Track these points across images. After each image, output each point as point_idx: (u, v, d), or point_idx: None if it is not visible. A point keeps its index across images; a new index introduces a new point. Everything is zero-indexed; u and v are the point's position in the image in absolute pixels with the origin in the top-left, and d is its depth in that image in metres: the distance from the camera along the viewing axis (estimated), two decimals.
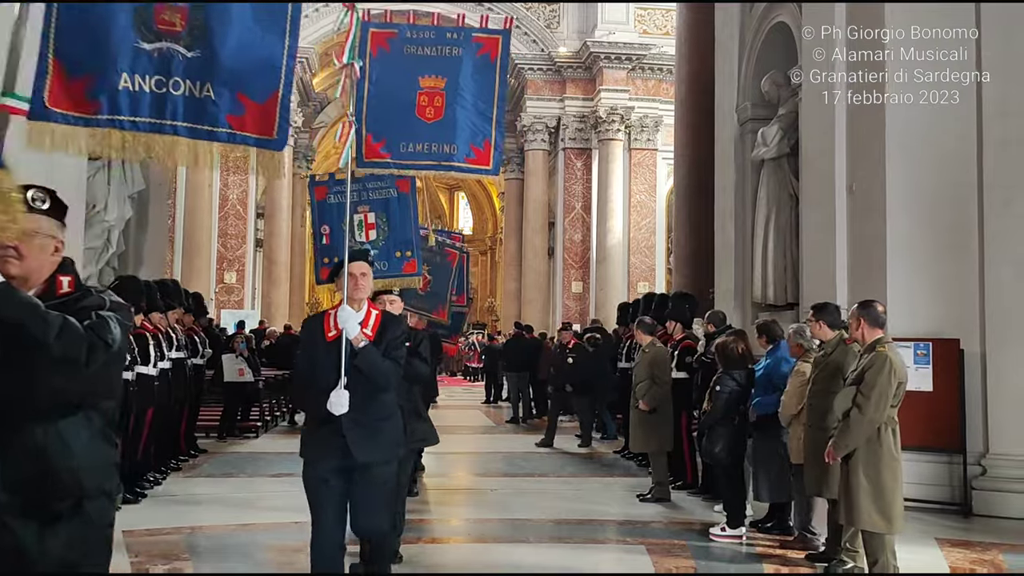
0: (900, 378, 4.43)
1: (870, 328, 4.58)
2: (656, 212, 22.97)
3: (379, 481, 3.65)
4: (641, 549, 5.57)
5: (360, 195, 5.64)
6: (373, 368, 3.59)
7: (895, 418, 4.49)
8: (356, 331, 3.60)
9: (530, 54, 23.16)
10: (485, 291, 34.04)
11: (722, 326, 7.19)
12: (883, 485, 4.39)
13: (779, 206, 8.98)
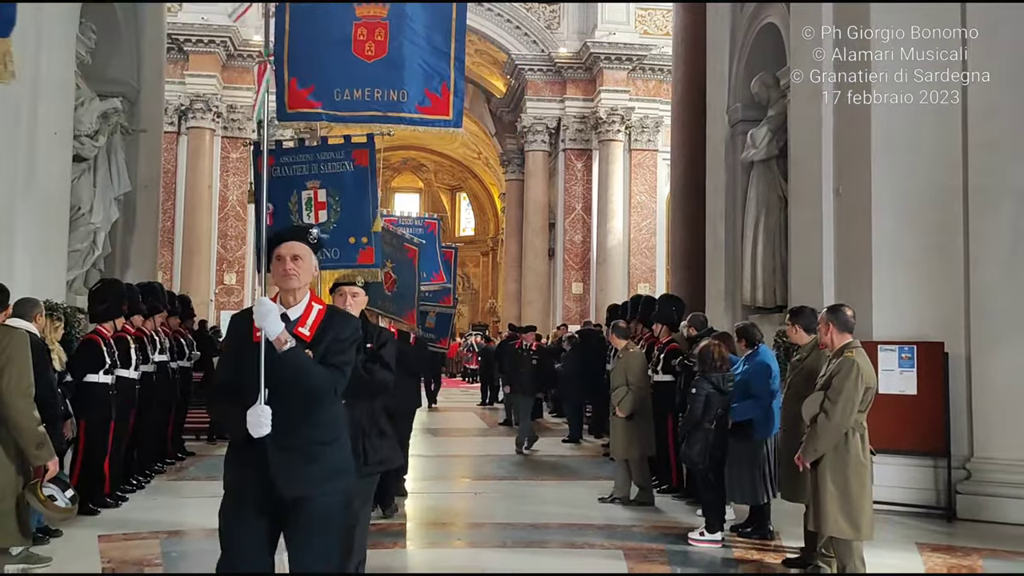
0: (868, 383, 4.43)
1: (839, 333, 4.57)
2: (657, 213, 22.90)
3: (318, 519, 2.87)
4: (618, 554, 5.54)
5: (311, 167, 4.53)
6: (300, 377, 2.84)
7: (863, 423, 4.48)
8: (278, 329, 2.80)
9: (530, 55, 23.13)
10: (486, 292, 34.06)
11: (704, 329, 7.14)
12: (850, 491, 4.37)
13: (768, 208, 8.94)
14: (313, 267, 3.05)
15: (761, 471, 5.67)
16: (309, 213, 4.45)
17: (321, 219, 4.45)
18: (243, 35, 21.37)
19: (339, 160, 4.56)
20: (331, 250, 4.45)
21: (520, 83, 23.61)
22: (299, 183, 4.55)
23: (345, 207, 4.52)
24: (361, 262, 4.51)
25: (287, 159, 4.61)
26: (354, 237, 4.48)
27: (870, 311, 7.07)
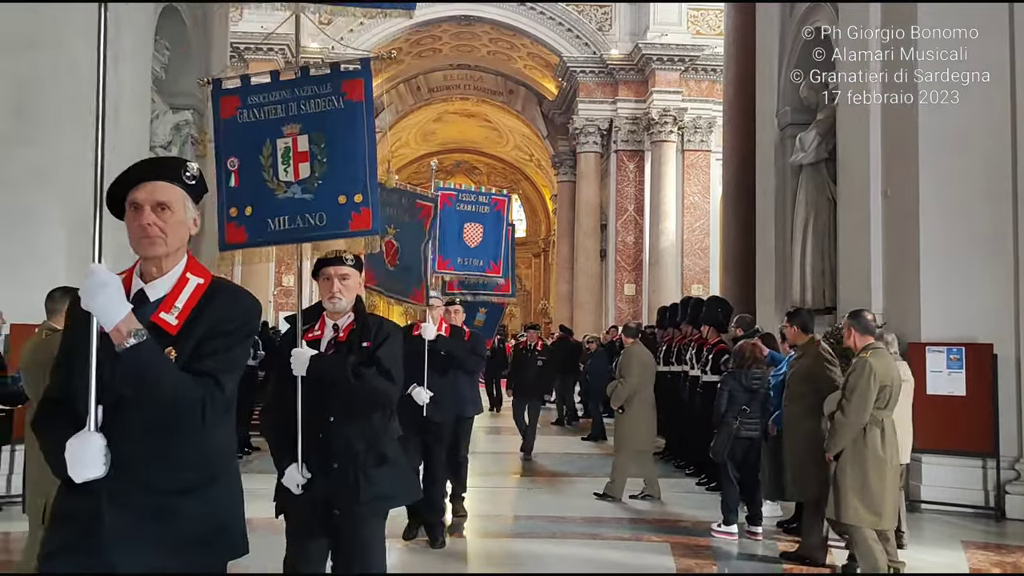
0: (883, 382, 4.63)
1: (861, 335, 4.82)
2: (710, 214, 22.83)
3: None
4: (665, 547, 5.75)
5: (288, 107, 3.48)
6: (147, 389, 1.88)
7: (881, 419, 4.68)
8: (116, 314, 1.83)
9: (581, 57, 23.27)
10: (538, 293, 34.29)
11: (750, 330, 7.29)
12: (868, 482, 4.61)
13: (817, 210, 9.02)
14: (191, 220, 2.07)
15: None
16: (287, 168, 3.40)
17: (303, 174, 3.41)
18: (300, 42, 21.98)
19: (324, 96, 3.49)
20: (315, 215, 3.39)
21: (572, 85, 23.77)
22: (273, 129, 3.47)
23: (333, 157, 3.43)
24: (356, 228, 3.44)
25: (257, 98, 3.52)
26: (345, 196, 3.41)
27: (918, 313, 7.15)
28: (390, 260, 5.82)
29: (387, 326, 3.27)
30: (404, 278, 5.84)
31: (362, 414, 3.10)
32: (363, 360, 3.09)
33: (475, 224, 6.98)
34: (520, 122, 29.44)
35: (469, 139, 32.77)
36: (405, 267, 5.84)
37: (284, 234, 3.40)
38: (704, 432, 7.34)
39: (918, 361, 6.79)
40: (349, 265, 3.19)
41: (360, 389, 3.04)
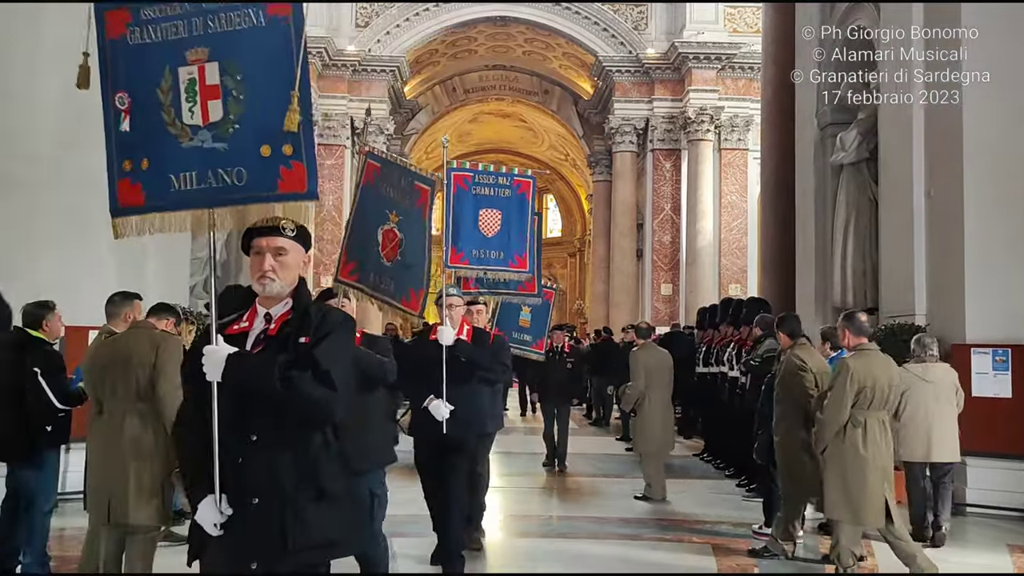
0: (863, 383, 4.70)
1: (854, 336, 4.94)
2: (748, 213, 22.67)
3: None
4: (707, 548, 5.77)
5: (192, 25, 2.60)
6: None
7: (863, 419, 4.74)
8: None
9: (617, 56, 23.23)
10: (573, 293, 34.27)
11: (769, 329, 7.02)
12: (847, 479, 4.73)
13: (858, 210, 8.95)
14: None
15: None
16: (193, 107, 2.53)
17: (214, 116, 2.52)
18: (337, 45, 22.15)
19: (240, 10, 2.58)
20: (231, 171, 2.51)
21: (607, 85, 23.74)
22: (173, 53, 2.58)
23: (253, 94, 2.52)
24: (286, 189, 2.51)
25: (152, 11, 2.62)
26: (269, 146, 2.50)
27: (963, 314, 7.08)
28: (388, 253, 4.79)
29: (333, 317, 2.52)
30: (400, 278, 4.79)
31: (294, 433, 2.37)
32: (297, 360, 2.36)
33: (493, 210, 5.86)
34: (555, 122, 29.45)
35: (504, 139, 32.85)
36: (405, 264, 4.78)
37: (191, 196, 2.52)
38: (743, 433, 7.35)
39: (963, 363, 6.73)
40: (288, 236, 2.46)
41: (289, 399, 2.31)
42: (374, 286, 4.86)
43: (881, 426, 4.79)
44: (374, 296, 4.86)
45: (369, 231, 4.90)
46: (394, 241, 4.91)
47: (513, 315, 7.75)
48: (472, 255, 5.80)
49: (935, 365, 6.09)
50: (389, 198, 4.91)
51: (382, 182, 4.87)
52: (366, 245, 4.84)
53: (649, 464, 7.53)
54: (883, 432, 4.80)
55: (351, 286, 4.70)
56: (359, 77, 22.60)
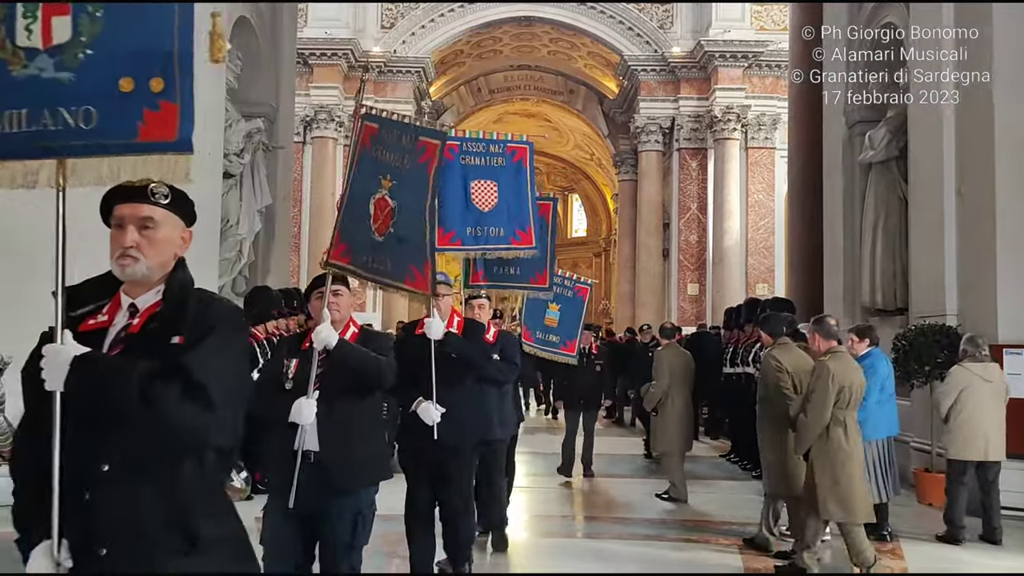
0: (842, 383, 4.85)
1: (824, 340, 5.07)
2: (775, 212, 22.51)
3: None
4: (733, 548, 5.74)
5: None
6: None
7: (842, 419, 4.89)
8: None
9: (643, 55, 23.16)
10: (599, 293, 34.19)
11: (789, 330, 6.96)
12: (836, 477, 4.84)
13: (888, 209, 8.86)
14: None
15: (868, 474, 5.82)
16: (32, 24, 1.88)
17: (59, 37, 1.88)
18: (363, 46, 22.27)
19: None
20: (77, 111, 1.87)
21: (633, 84, 23.67)
22: None
23: (116, 7, 1.90)
24: (150, 137, 1.91)
25: None
26: (132, 79, 1.88)
27: (995, 315, 6.99)
28: (380, 226, 3.93)
29: (216, 311, 1.93)
30: (396, 254, 3.92)
31: (157, 462, 1.79)
32: (163, 367, 1.78)
33: (486, 182, 4.99)
34: (580, 121, 29.42)
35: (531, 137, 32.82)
36: (398, 238, 3.93)
37: (17, 141, 1.90)
38: None
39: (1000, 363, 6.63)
40: (159, 204, 1.95)
41: (152, 418, 1.74)
42: (369, 267, 3.94)
43: (855, 425, 4.97)
44: (371, 278, 4.04)
45: (361, 204, 3.99)
46: (386, 211, 3.95)
47: (539, 313, 7.04)
48: (467, 234, 4.92)
49: (992, 364, 6.21)
50: (385, 163, 3.98)
51: (379, 146, 4.01)
52: (358, 220, 3.97)
53: (671, 464, 7.53)
54: (856, 431, 4.97)
55: (342, 269, 3.81)
56: (384, 78, 22.73)
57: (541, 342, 7.17)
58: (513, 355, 5.13)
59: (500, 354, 5.04)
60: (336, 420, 3.30)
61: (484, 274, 5.49)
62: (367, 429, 3.43)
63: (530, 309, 7.15)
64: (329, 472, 3.25)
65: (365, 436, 3.40)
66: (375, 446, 3.48)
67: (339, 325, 3.45)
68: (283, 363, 3.44)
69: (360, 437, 3.36)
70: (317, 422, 3.27)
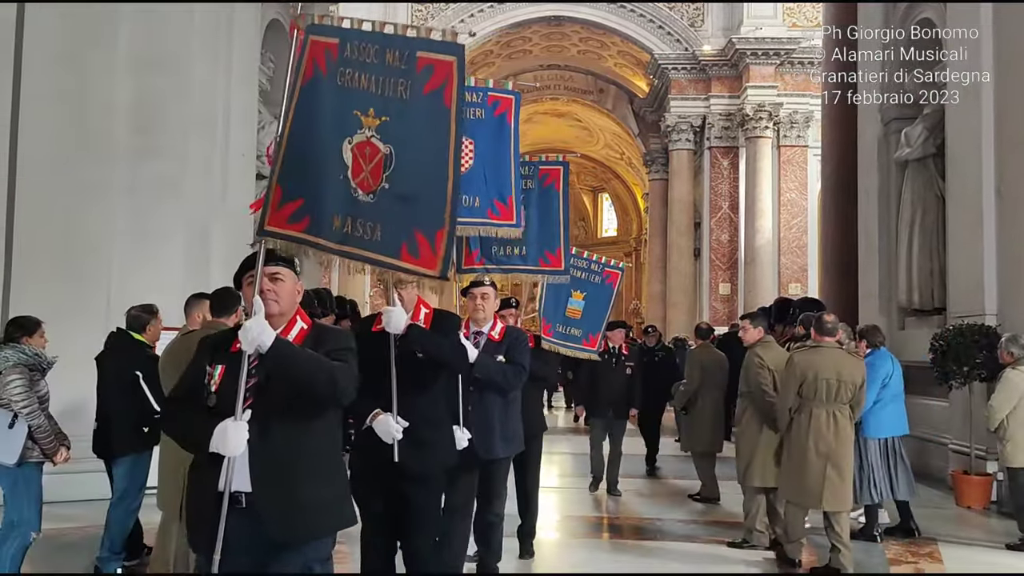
0: (804, 373, 5.08)
1: (818, 335, 5.28)
2: (808, 211, 22.29)
3: None
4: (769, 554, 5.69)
5: None
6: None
7: (807, 409, 5.08)
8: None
9: (673, 54, 23.04)
10: (630, 293, 34.07)
11: None
12: (792, 462, 5.13)
13: (925, 208, 8.74)
14: None
15: (865, 472, 5.95)
16: None
17: None
18: None
19: None
20: None
21: (663, 82, 23.56)
22: None
23: None
24: None
25: None
26: None
27: None
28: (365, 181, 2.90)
29: None
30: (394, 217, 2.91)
31: None
32: None
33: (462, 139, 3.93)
34: (611, 120, 29.34)
35: (559, 138, 32.80)
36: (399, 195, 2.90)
37: None
38: None
39: None
40: None
41: None
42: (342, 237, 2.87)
43: (830, 417, 5.06)
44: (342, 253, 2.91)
45: (324, 149, 2.91)
46: (375, 159, 2.89)
47: (560, 302, 6.01)
48: None
49: None
50: (360, 90, 2.93)
51: (344, 68, 2.94)
52: (320, 171, 2.87)
53: (701, 464, 7.53)
54: (831, 422, 5.06)
55: (288, 239, 2.82)
56: None
57: (562, 336, 6.02)
58: (521, 357, 4.18)
59: (505, 355, 4.13)
60: (274, 450, 2.48)
61: (481, 254, 4.62)
62: (317, 462, 2.57)
63: (551, 297, 5.91)
64: (265, 521, 2.46)
65: (314, 471, 2.55)
66: (329, 484, 2.61)
67: (281, 320, 2.62)
68: (204, 371, 2.61)
69: (307, 472, 2.52)
70: (249, 452, 2.45)
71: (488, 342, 4.17)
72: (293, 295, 2.70)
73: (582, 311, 6.08)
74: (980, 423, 6.83)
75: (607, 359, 7.54)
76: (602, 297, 6.25)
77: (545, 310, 5.94)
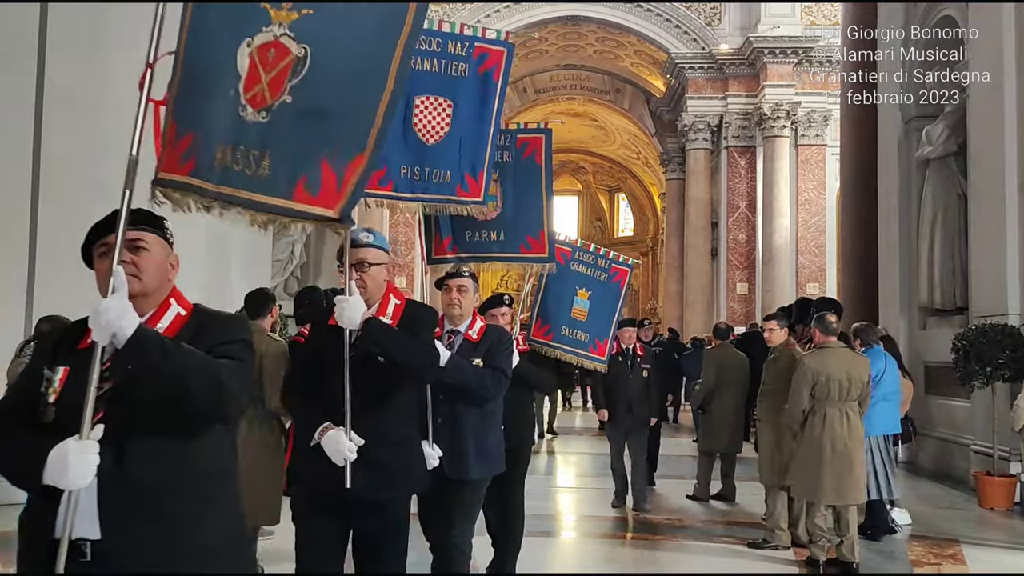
0: (816, 376, 5.14)
1: (823, 336, 5.36)
2: (826, 210, 22.16)
3: None
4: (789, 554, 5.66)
5: None
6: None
7: (820, 409, 5.15)
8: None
9: (690, 53, 22.97)
10: (646, 293, 33.99)
11: None
12: (807, 462, 5.17)
13: (946, 207, 8.66)
14: None
15: None
16: None
17: None
18: None
19: None
20: None
21: (680, 82, 23.49)
22: None
23: None
24: None
25: None
26: None
27: None
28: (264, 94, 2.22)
29: None
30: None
31: None
32: None
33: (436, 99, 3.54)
34: (627, 120, 29.28)
35: (576, 138, 32.79)
36: None
37: None
38: None
39: None
40: None
41: None
42: (222, 174, 2.16)
43: (843, 415, 5.15)
44: (220, 196, 2.17)
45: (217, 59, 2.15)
46: (281, 64, 2.18)
47: (564, 301, 5.09)
48: (400, 175, 3.48)
49: None
50: None
51: None
52: (210, 90, 2.14)
53: (700, 462, 7.59)
54: (844, 420, 5.15)
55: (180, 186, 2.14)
56: None
57: (568, 341, 5.10)
58: (502, 360, 3.50)
59: (484, 358, 3.46)
60: (136, 480, 1.82)
61: (453, 241, 4.00)
62: (194, 493, 1.88)
63: (554, 295, 5.08)
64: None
65: (187, 509, 1.87)
66: (213, 523, 1.92)
67: (146, 304, 1.97)
68: (42, 376, 1.91)
69: (180, 511, 1.85)
70: (98, 485, 1.77)
71: (464, 343, 3.48)
72: (163, 269, 2.02)
73: (587, 312, 5.12)
74: (1003, 424, 6.76)
75: (621, 362, 6.84)
76: (608, 297, 5.26)
77: (544, 308, 5.01)
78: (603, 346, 5.29)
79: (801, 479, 5.27)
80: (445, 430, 3.35)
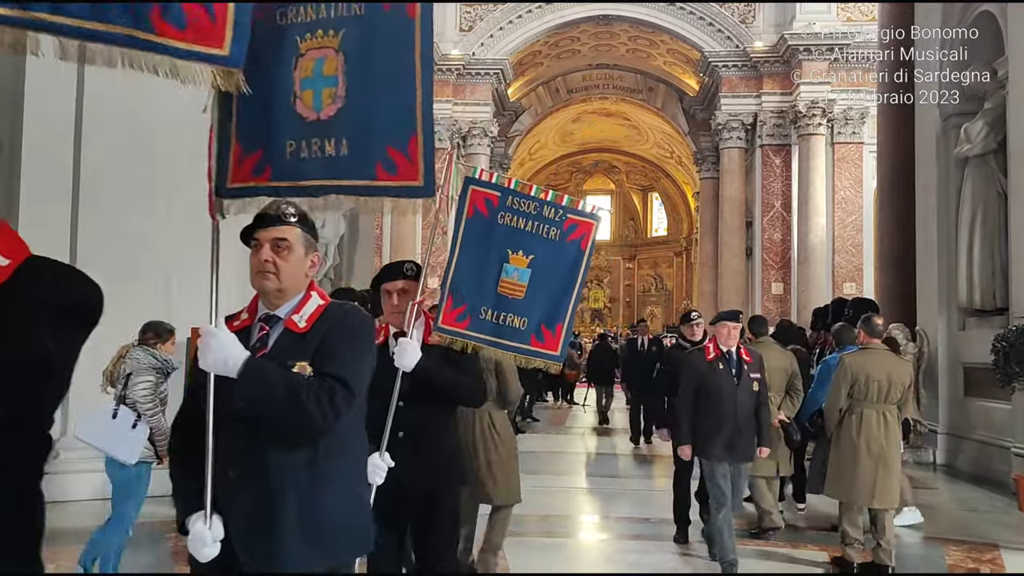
0: (856, 375, 5.16)
1: (867, 337, 5.37)
2: (863, 209, 21.87)
3: None
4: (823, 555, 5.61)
5: None
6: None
7: (858, 409, 5.17)
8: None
9: (724, 51, 22.80)
10: (680, 293, 33.79)
11: None
12: (841, 462, 5.18)
13: (986, 205, 8.52)
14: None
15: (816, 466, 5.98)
16: None
17: None
18: (442, 49, 22.55)
19: None
20: None
21: (714, 80, 23.33)
22: None
23: None
24: None
25: None
26: None
27: None
28: None
29: None
30: None
31: None
32: None
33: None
34: (660, 119, 29.15)
35: (608, 138, 32.71)
36: None
37: None
38: None
39: None
40: None
41: None
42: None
43: (880, 417, 5.15)
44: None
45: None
46: None
47: (487, 272, 3.41)
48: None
49: None
50: None
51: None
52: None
53: None
54: (881, 422, 5.14)
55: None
56: (463, 81, 22.92)
57: (491, 329, 3.38)
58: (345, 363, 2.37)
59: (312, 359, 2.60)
60: None
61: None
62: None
63: (471, 260, 3.40)
64: None
65: None
66: None
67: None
68: None
69: None
70: None
71: (285, 334, 2.42)
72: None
73: (527, 286, 3.42)
74: None
75: (722, 370, 5.02)
76: (562, 263, 3.49)
77: (456, 281, 3.36)
78: (554, 336, 3.51)
79: (835, 479, 5.26)
80: (243, 492, 2.06)
